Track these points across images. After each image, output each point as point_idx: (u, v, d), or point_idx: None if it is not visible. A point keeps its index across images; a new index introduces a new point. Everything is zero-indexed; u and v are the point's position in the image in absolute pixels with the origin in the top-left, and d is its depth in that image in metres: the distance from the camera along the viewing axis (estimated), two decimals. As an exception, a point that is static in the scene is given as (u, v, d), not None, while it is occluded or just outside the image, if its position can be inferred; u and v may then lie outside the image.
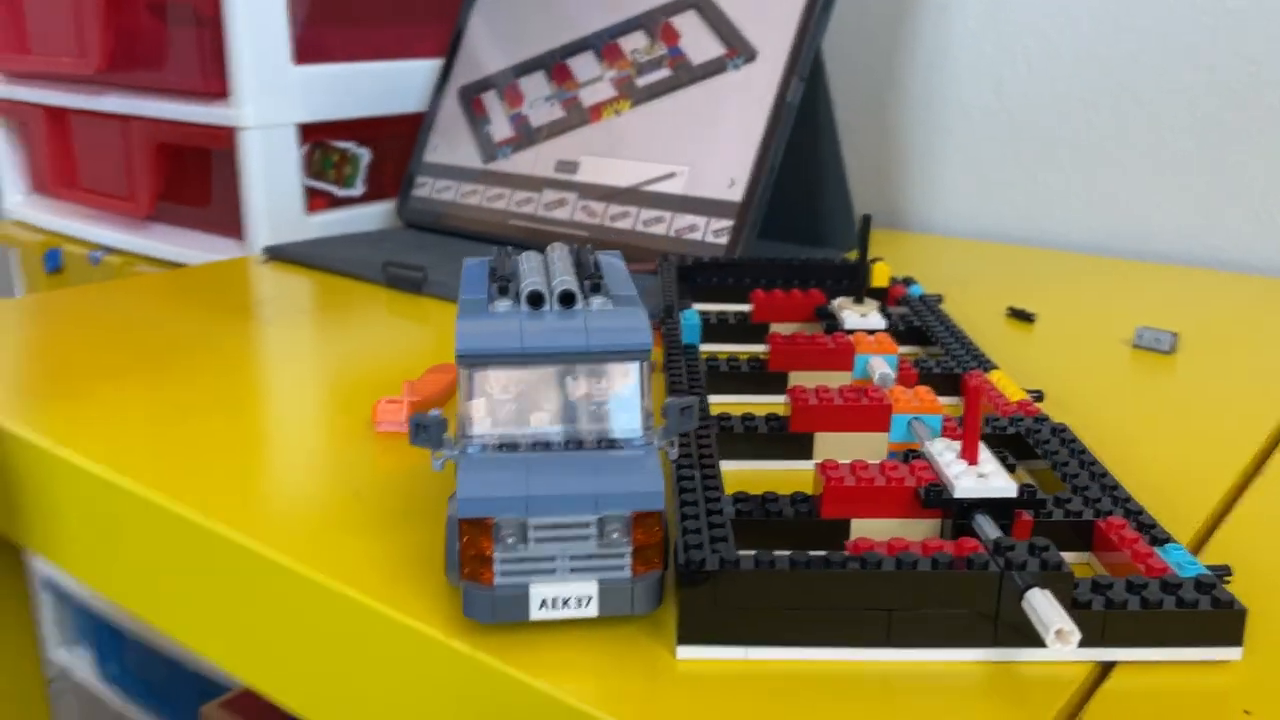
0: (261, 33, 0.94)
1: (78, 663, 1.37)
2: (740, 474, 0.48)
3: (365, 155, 1.11)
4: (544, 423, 0.37)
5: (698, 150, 0.83)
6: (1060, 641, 0.31)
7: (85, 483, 0.49)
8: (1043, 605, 0.32)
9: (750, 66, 0.82)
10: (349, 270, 0.83)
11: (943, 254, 0.93)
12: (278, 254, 0.89)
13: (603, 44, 0.91)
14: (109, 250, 1.11)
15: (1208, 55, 0.87)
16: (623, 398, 0.37)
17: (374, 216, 1.07)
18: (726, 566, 0.33)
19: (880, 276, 0.71)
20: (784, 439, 0.48)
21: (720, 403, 0.56)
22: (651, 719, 0.31)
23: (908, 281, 0.71)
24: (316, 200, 1.08)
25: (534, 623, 0.35)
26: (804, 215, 0.89)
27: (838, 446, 0.48)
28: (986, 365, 0.56)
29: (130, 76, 1.03)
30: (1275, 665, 0.34)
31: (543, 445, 0.36)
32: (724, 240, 0.79)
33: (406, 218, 1.00)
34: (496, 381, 0.37)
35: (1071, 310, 0.74)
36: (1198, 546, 0.42)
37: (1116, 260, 0.89)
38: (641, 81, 0.88)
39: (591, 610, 0.34)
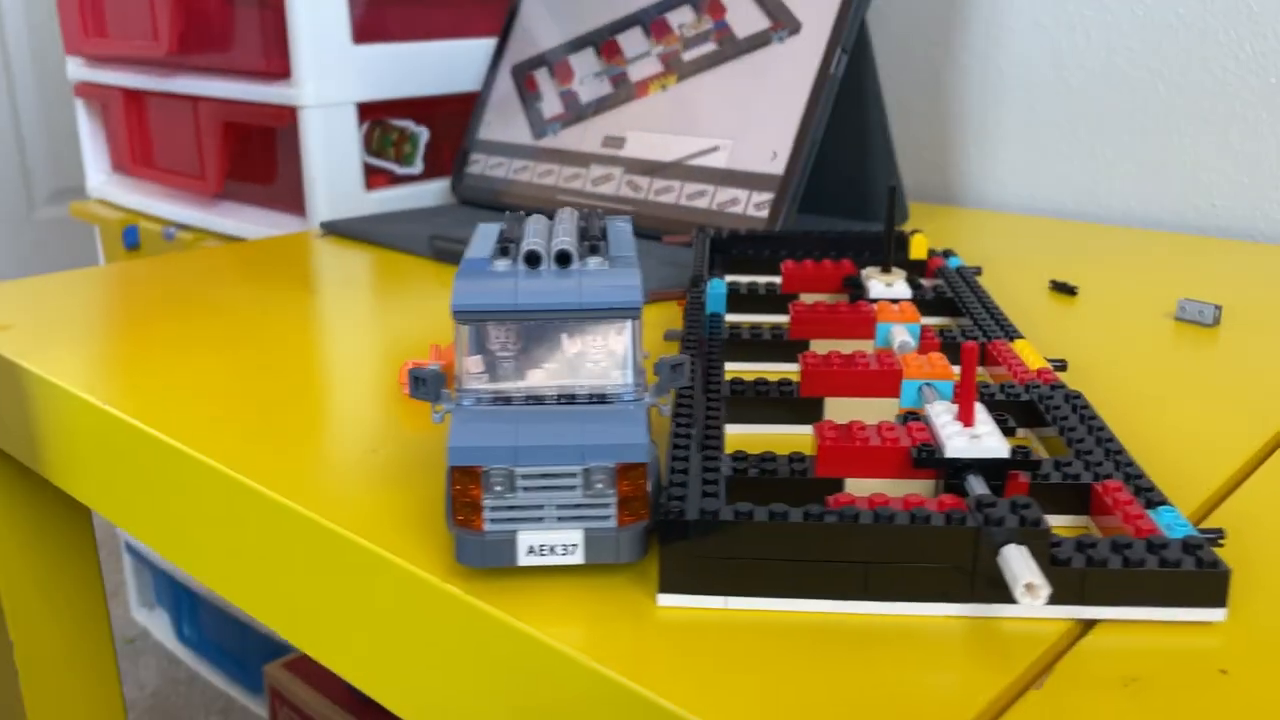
0: (321, 13, 0.97)
1: (156, 623, 1.43)
2: (750, 437, 0.48)
3: (424, 134, 1.13)
4: (539, 379, 0.38)
5: (741, 124, 0.83)
6: (1030, 596, 0.31)
7: (138, 440, 0.51)
8: (1015, 560, 0.32)
9: (795, 39, 0.82)
10: (398, 244, 0.85)
11: (993, 228, 0.91)
12: (333, 229, 0.92)
13: (651, 19, 0.91)
14: (181, 227, 1.15)
15: (1273, 19, 0.84)
16: (615, 355, 0.38)
17: (431, 193, 1.09)
18: (705, 517, 0.34)
19: (919, 249, 0.71)
20: (794, 403, 0.48)
21: (740, 369, 0.56)
22: (628, 663, 0.32)
23: (947, 254, 0.70)
24: (377, 177, 1.10)
25: (526, 570, 0.37)
26: (850, 189, 0.89)
27: (847, 411, 0.48)
28: (1012, 335, 0.55)
29: (200, 59, 1.07)
30: (1259, 628, 0.34)
31: (536, 400, 0.37)
32: (764, 213, 0.79)
33: (461, 194, 1.02)
34: (495, 338, 0.39)
35: (1116, 283, 0.73)
36: (1206, 513, 0.41)
37: (1172, 234, 0.87)
38: (688, 56, 0.88)
39: (577, 557, 0.35)
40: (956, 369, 0.55)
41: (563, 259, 0.38)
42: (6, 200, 2.14)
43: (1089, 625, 0.34)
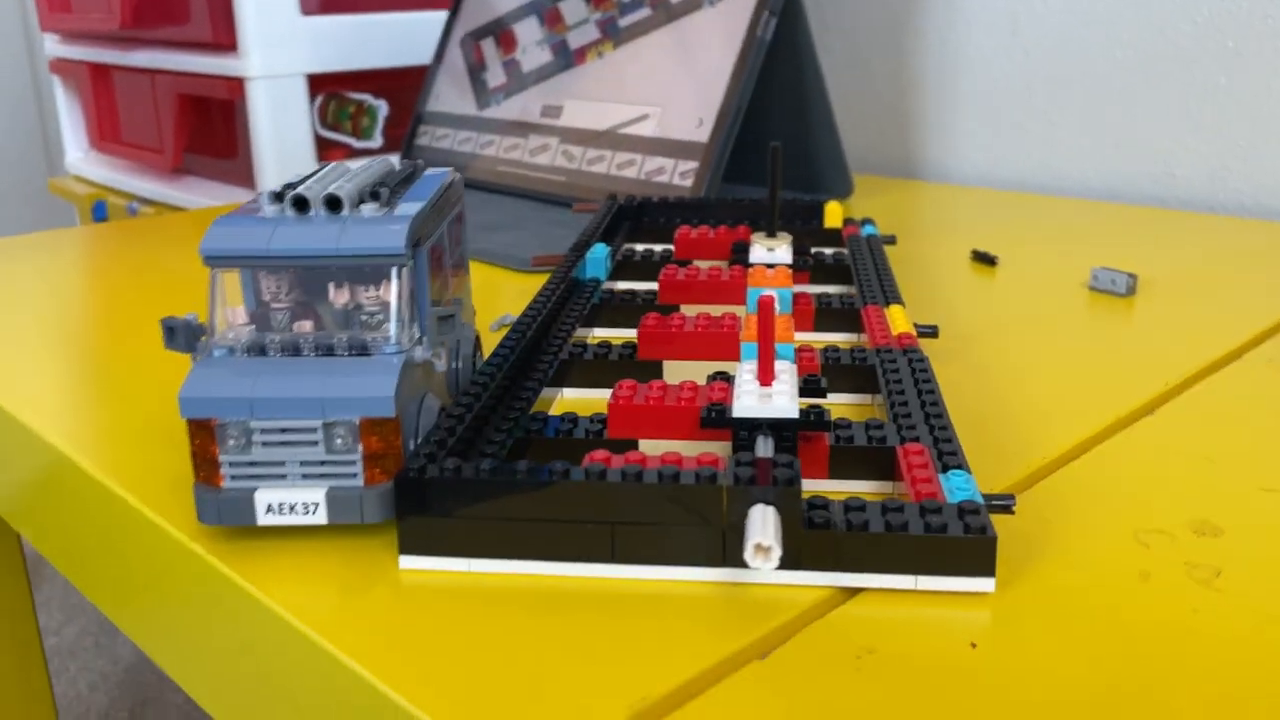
0: (265, -16, 0.96)
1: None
2: (588, 400, 0.46)
3: (383, 107, 1.12)
4: (305, 329, 0.36)
5: (670, 92, 0.81)
6: (760, 558, 0.29)
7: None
8: (753, 520, 0.30)
9: (725, 3, 0.79)
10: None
11: (937, 199, 0.88)
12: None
13: (591, -14, 0.89)
14: (144, 201, 1.15)
15: (1234, -17, 0.80)
16: (381, 305, 0.36)
17: (385, 167, 1.08)
18: (445, 475, 0.32)
19: (833, 217, 0.68)
20: (632, 366, 0.46)
21: (610, 334, 0.54)
22: (358, 629, 0.30)
23: (865, 223, 0.68)
24: (334, 151, 1.10)
25: (274, 529, 0.35)
26: (793, 160, 0.86)
27: (686, 375, 0.46)
28: (891, 300, 0.53)
29: (154, 32, 1.07)
30: (1029, 600, 0.31)
31: (292, 350, 0.35)
32: (690, 182, 0.77)
33: (408, 167, 1.01)
34: (267, 287, 0.37)
35: (1040, 254, 0.69)
36: (1034, 482, 0.39)
37: (1126, 206, 0.83)
38: (624, 22, 0.86)
39: (320, 517, 0.34)
40: (841, 336, 0.53)
41: (332, 204, 0.36)
42: (27, 168, 2.16)
43: (852, 594, 0.32)
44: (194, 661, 0.37)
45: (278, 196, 0.37)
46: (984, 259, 0.68)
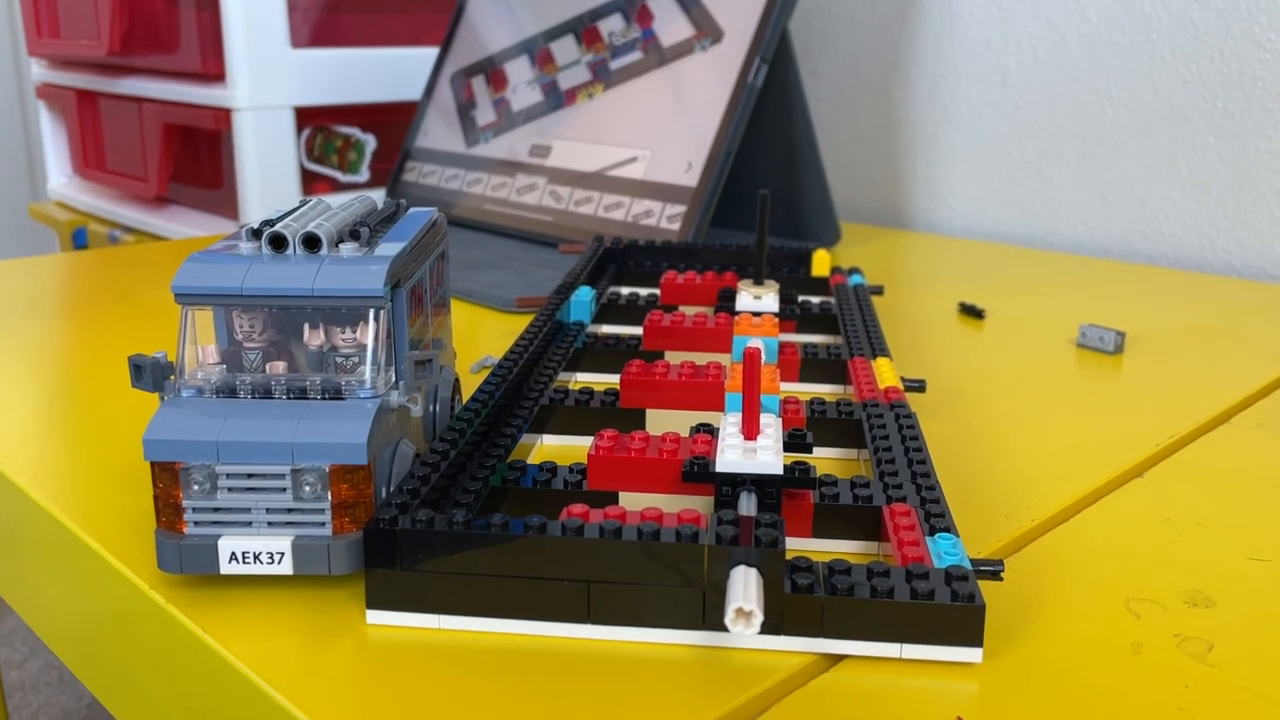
0: (256, 15, 0.96)
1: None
2: (565, 449, 0.45)
3: (370, 141, 1.11)
4: (278, 370, 0.35)
5: (660, 135, 0.80)
6: (741, 623, 0.28)
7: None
8: (734, 582, 0.29)
9: (717, 48, 0.79)
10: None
11: (925, 250, 0.88)
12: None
13: (583, 27, 0.89)
14: (126, 229, 1.14)
15: (1219, 39, 0.81)
16: (357, 348, 0.35)
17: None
18: (418, 526, 0.31)
19: (821, 265, 0.68)
20: (614, 414, 0.45)
21: (592, 380, 0.53)
22: (320, 686, 0.29)
23: (852, 272, 0.67)
24: (320, 184, 1.09)
25: (238, 579, 0.34)
26: (781, 206, 0.85)
27: (670, 424, 0.45)
28: (878, 352, 0.52)
29: (143, 60, 1.06)
30: (1017, 672, 0.30)
31: (264, 392, 0.34)
32: (677, 226, 0.76)
33: (394, 202, 1.00)
34: (240, 326, 0.36)
35: (1028, 308, 0.69)
36: (1022, 545, 0.38)
37: (1113, 262, 0.83)
38: (615, 65, 0.86)
39: (285, 567, 0.32)
40: (827, 388, 0.52)
41: (310, 243, 0.35)
42: (10, 193, 2.13)
43: (836, 660, 0.30)
44: (149, 712, 0.36)
45: (255, 233, 0.36)
46: (971, 312, 0.67)
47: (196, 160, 1.11)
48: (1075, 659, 0.31)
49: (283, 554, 0.32)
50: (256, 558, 0.32)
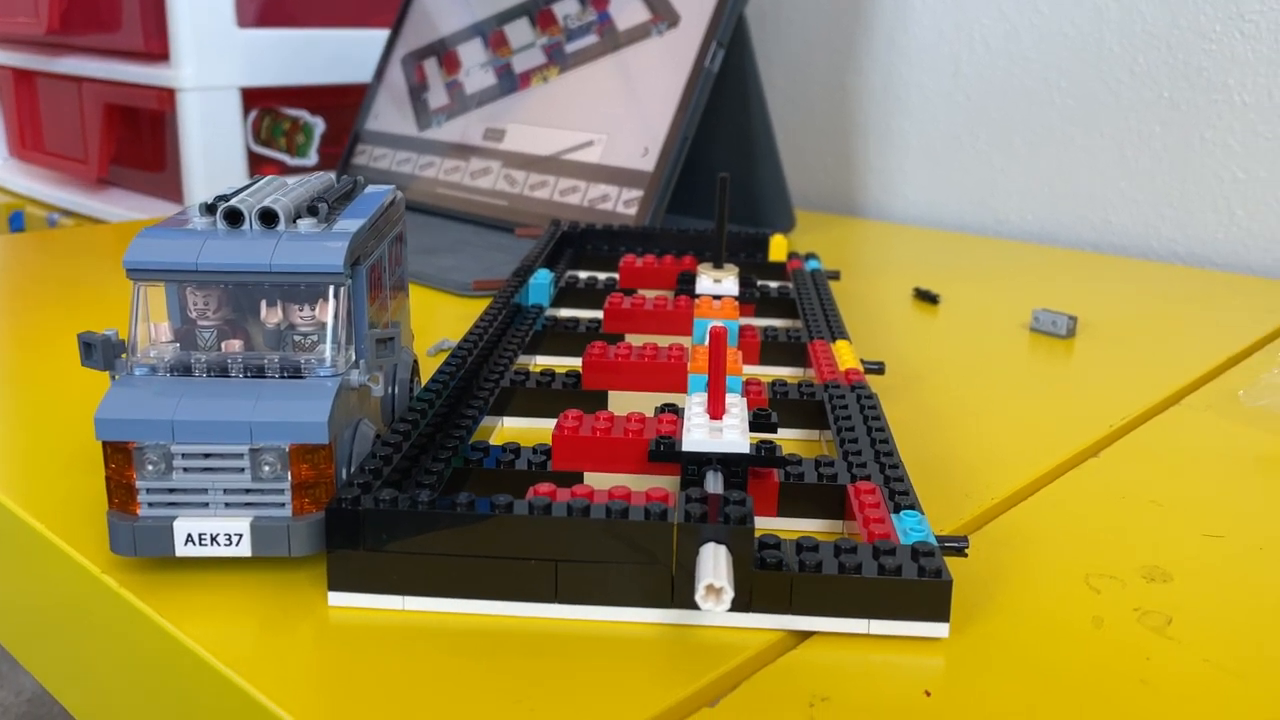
0: (202, -6, 0.93)
1: None
2: (527, 430, 0.45)
3: (319, 124, 1.09)
4: (234, 349, 0.34)
5: (616, 119, 0.80)
6: (711, 599, 0.28)
7: None
8: (704, 559, 0.29)
9: (673, 33, 0.79)
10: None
11: (879, 237, 0.89)
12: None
13: (538, 9, 0.88)
14: (65, 213, 1.11)
15: (1167, 30, 0.82)
16: (316, 326, 0.34)
17: (321, 186, 1.06)
18: (380, 506, 0.30)
19: (778, 250, 0.68)
20: (576, 396, 0.45)
21: (552, 362, 0.53)
22: (280, 670, 0.28)
23: (809, 257, 0.67)
24: (268, 167, 1.07)
25: (194, 561, 0.33)
26: (737, 192, 0.85)
27: (632, 406, 0.45)
28: (837, 335, 0.52)
29: (83, 39, 1.03)
30: (984, 646, 0.30)
31: (220, 371, 0.33)
32: (634, 210, 0.76)
33: (345, 186, 0.99)
34: (194, 303, 0.35)
35: (982, 294, 0.70)
36: (984, 523, 0.38)
37: (1061, 249, 0.84)
38: (570, 48, 0.85)
39: (243, 549, 0.32)
40: (787, 371, 0.52)
41: (267, 218, 0.34)
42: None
43: (804, 637, 0.30)
44: (103, 702, 0.35)
45: (209, 208, 0.35)
46: (926, 297, 0.68)
47: (139, 142, 1.08)
48: (1038, 633, 0.31)
49: (241, 535, 0.32)
50: (214, 539, 0.32)
